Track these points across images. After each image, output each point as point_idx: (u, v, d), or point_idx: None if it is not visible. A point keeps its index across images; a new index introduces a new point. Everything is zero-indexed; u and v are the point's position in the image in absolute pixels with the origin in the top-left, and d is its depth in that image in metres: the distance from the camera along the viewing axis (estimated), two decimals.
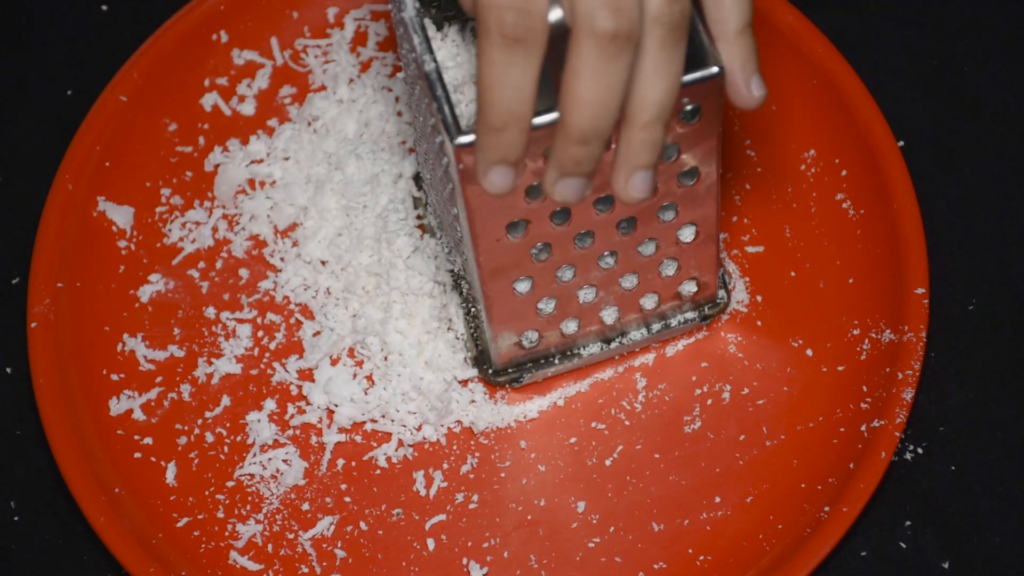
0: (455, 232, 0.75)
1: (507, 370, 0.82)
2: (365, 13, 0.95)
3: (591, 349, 0.82)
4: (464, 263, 0.77)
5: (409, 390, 0.83)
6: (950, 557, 0.80)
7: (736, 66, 0.68)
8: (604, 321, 0.81)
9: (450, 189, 0.71)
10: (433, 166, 0.75)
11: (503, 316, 0.78)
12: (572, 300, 0.78)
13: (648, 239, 0.76)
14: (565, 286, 0.77)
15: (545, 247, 0.74)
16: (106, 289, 0.87)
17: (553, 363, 0.82)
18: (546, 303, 0.78)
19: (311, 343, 0.85)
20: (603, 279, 0.78)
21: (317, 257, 0.87)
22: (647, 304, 0.81)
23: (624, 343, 0.83)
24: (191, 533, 0.81)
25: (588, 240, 0.75)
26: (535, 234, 0.73)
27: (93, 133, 0.89)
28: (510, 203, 0.70)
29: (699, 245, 0.78)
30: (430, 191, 0.82)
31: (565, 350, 0.82)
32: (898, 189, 0.85)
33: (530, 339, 0.80)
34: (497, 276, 0.75)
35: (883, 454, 0.79)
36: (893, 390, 0.80)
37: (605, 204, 0.73)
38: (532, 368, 0.82)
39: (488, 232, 0.72)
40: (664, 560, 0.80)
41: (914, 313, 0.82)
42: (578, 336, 0.81)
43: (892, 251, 0.84)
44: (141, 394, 0.85)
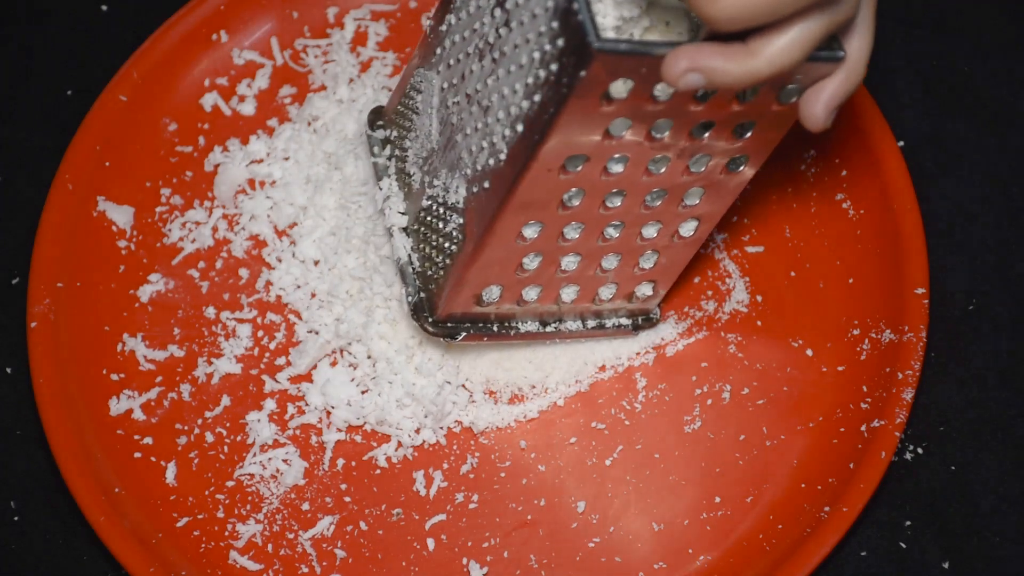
0: (475, 154, 0.73)
1: (447, 323, 0.80)
2: (365, 13, 0.95)
3: (528, 326, 0.81)
4: (474, 192, 0.74)
5: (403, 396, 0.83)
6: (950, 557, 0.80)
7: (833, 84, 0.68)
8: (561, 298, 0.80)
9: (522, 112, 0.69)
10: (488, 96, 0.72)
11: (490, 260, 0.75)
12: (555, 263, 0.77)
13: (658, 221, 0.76)
14: (560, 246, 0.76)
15: (581, 194, 0.72)
16: (106, 289, 0.87)
17: (492, 330, 0.81)
18: (532, 259, 0.76)
19: (298, 350, 0.85)
20: (594, 250, 0.77)
21: (311, 257, 0.87)
22: (603, 294, 0.81)
23: (558, 328, 0.82)
24: (191, 533, 0.81)
25: (617, 200, 0.74)
26: (582, 176, 0.71)
27: (93, 133, 0.89)
28: (592, 134, 0.68)
29: (686, 245, 0.79)
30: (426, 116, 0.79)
31: (503, 320, 0.81)
32: (898, 189, 0.85)
33: (491, 295, 0.78)
34: (519, 212, 0.73)
35: (883, 454, 0.79)
36: (893, 390, 0.80)
37: (660, 166, 0.72)
38: (470, 327, 0.80)
39: (552, 157, 0.69)
40: (664, 560, 0.80)
41: (914, 313, 0.82)
42: (522, 310, 0.80)
43: (892, 251, 0.84)
44: (141, 394, 0.85)
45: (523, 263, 0.76)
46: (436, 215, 0.78)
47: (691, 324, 0.86)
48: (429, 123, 0.78)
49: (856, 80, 0.69)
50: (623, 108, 0.67)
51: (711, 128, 0.70)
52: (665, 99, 0.67)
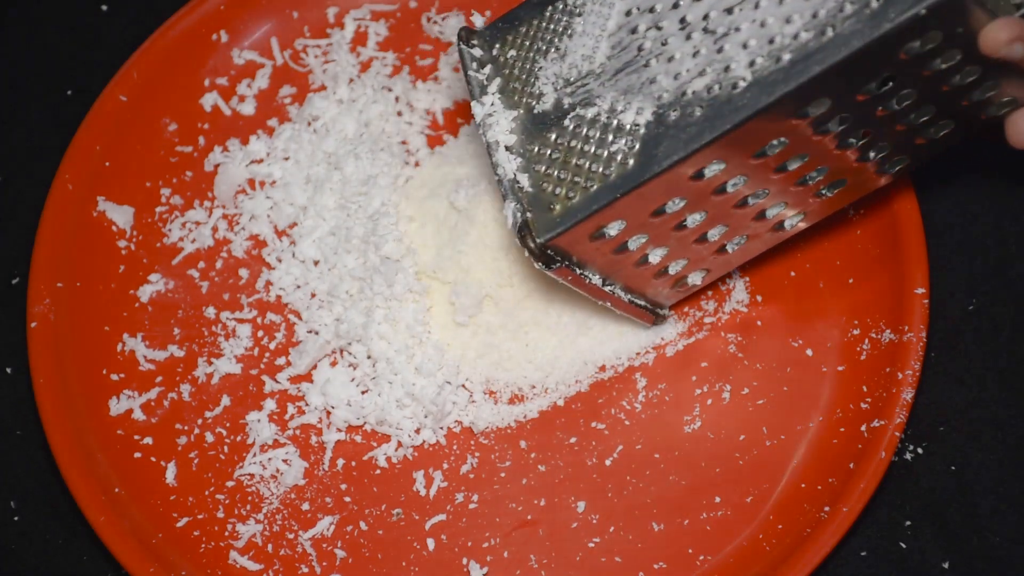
0: (710, 79, 0.72)
1: (548, 250, 0.76)
2: (365, 13, 0.95)
3: (595, 279, 0.79)
4: (671, 118, 0.73)
5: (403, 396, 0.83)
6: (950, 557, 0.80)
7: None
8: (648, 258, 0.79)
9: (812, 36, 0.69)
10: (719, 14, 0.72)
11: (657, 188, 0.73)
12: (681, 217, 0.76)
13: (785, 203, 0.77)
14: (714, 199, 0.75)
15: (781, 145, 0.73)
16: (106, 289, 0.87)
17: (575, 271, 0.77)
18: (676, 203, 0.75)
19: (298, 351, 0.85)
20: (718, 215, 0.77)
21: (310, 257, 0.87)
22: (671, 269, 0.80)
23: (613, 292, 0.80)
24: (191, 533, 0.81)
25: (796, 164, 0.74)
26: (796, 126, 0.71)
27: (93, 133, 0.89)
28: (863, 81, 0.70)
29: (766, 241, 0.80)
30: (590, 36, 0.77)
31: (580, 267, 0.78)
32: (898, 189, 0.85)
33: (611, 231, 0.75)
34: (731, 144, 0.72)
35: (883, 454, 0.79)
36: (893, 390, 0.80)
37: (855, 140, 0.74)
38: (562, 263, 0.76)
39: (813, 92, 0.70)
40: (664, 560, 0.80)
41: (914, 313, 0.82)
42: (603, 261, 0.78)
43: (892, 251, 0.84)
44: (141, 394, 0.85)
45: (666, 206, 0.75)
46: (586, 137, 0.75)
47: (691, 324, 0.86)
48: (593, 45, 0.76)
49: None
50: (906, 63, 0.68)
51: (925, 115, 0.73)
52: (938, 68, 0.69)
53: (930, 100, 0.72)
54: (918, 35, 0.67)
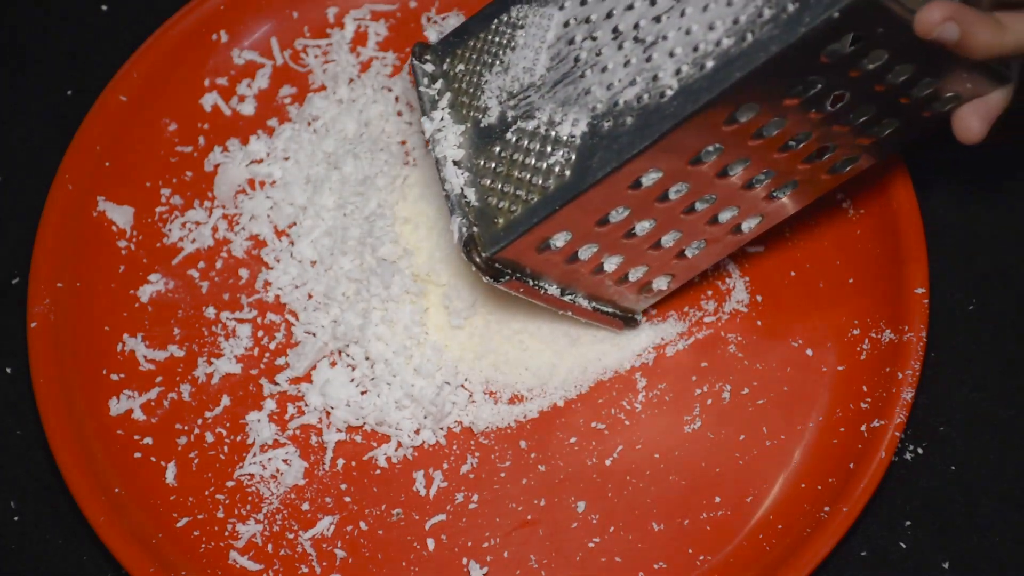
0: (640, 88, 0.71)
1: (495, 264, 0.76)
2: (365, 13, 0.95)
3: (552, 290, 0.79)
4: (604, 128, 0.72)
5: (402, 397, 0.83)
6: (950, 557, 0.80)
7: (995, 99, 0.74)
8: (603, 266, 0.78)
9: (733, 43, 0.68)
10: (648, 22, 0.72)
11: (595, 199, 0.73)
12: (629, 226, 0.76)
13: (738, 207, 0.77)
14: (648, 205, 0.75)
15: (715, 151, 0.72)
16: (106, 289, 0.87)
17: (527, 283, 0.78)
18: (620, 212, 0.75)
19: (296, 352, 0.85)
20: (668, 221, 0.76)
21: (308, 257, 0.87)
22: (632, 276, 0.80)
23: (574, 301, 0.80)
24: (191, 533, 0.81)
25: (737, 169, 0.74)
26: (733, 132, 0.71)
27: (93, 133, 0.89)
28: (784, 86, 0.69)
29: (727, 244, 0.79)
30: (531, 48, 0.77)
31: (533, 279, 0.78)
32: (898, 189, 0.85)
33: (557, 243, 0.75)
34: (660, 154, 0.71)
35: (883, 454, 0.79)
36: (893, 390, 0.80)
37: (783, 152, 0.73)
38: (512, 275, 0.77)
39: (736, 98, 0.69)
40: (664, 560, 0.80)
41: (914, 313, 0.82)
42: (557, 271, 0.78)
43: (892, 251, 0.84)
44: (141, 394, 0.85)
45: (609, 216, 0.75)
46: (527, 150, 0.76)
47: (691, 324, 0.86)
48: (534, 57, 0.76)
49: (1010, 100, 0.73)
50: (828, 66, 0.67)
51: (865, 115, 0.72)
52: (867, 68, 0.68)
53: (867, 100, 0.71)
54: (835, 37, 0.66)
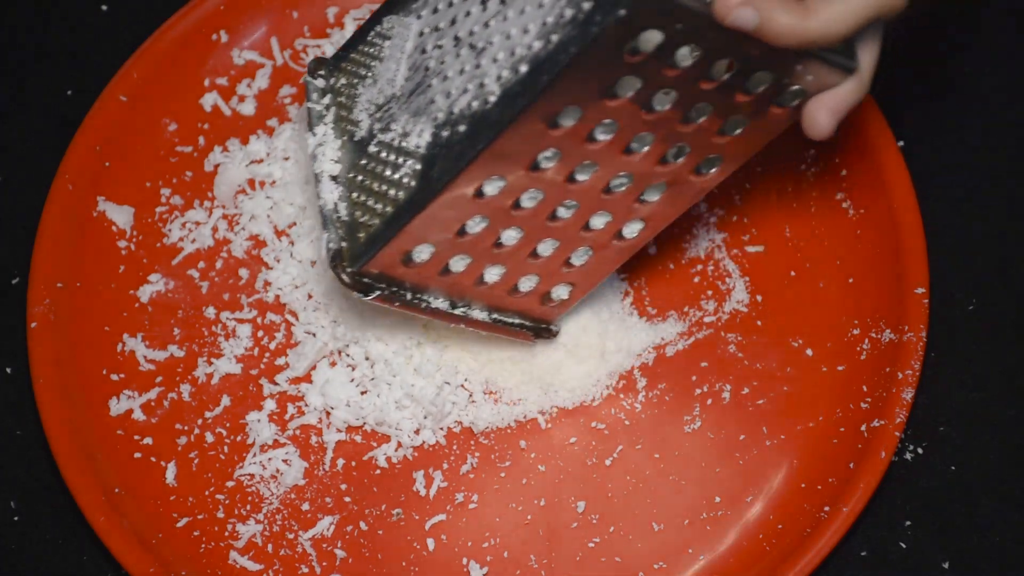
0: (471, 96, 0.70)
1: (362, 277, 0.75)
2: (365, 13, 0.95)
3: (438, 303, 0.78)
4: (443, 137, 0.71)
5: (402, 397, 0.83)
6: (950, 557, 0.80)
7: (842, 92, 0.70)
8: (484, 278, 0.77)
9: (531, 54, 0.67)
10: (480, 28, 0.71)
11: (440, 211, 0.72)
12: (494, 234, 0.74)
13: (608, 211, 0.75)
14: (509, 214, 0.73)
15: (555, 157, 0.70)
16: (106, 289, 0.87)
17: (404, 297, 0.77)
18: (477, 223, 0.73)
19: (296, 352, 0.85)
20: (537, 229, 0.75)
21: (308, 257, 0.87)
22: (522, 285, 0.78)
23: (466, 314, 0.79)
24: (191, 533, 0.81)
25: (585, 175, 0.72)
26: (563, 135, 0.69)
27: (93, 133, 0.89)
28: (599, 86, 0.67)
29: (622, 250, 0.77)
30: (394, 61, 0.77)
31: (416, 291, 0.77)
32: (898, 189, 0.85)
33: (420, 254, 0.74)
34: (490, 163, 0.70)
35: (883, 454, 0.79)
36: (893, 390, 0.80)
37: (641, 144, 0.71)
38: (385, 288, 0.76)
39: (552, 103, 0.67)
40: (664, 560, 0.80)
41: (914, 313, 0.82)
42: (435, 282, 0.77)
43: (892, 251, 0.84)
44: (141, 394, 0.85)
45: (466, 226, 0.74)
46: (385, 162, 0.75)
47: (691, 324, 0.86)
48: (395, 68, 0.75)
49: (862, 93, 0.70)
50: (639, 65, 0.66)
51: (705, 113, 0.70)
52: (684, 65, 0.67)
53: (700, 99, 0.69)
54: (630, 36, 0.65)
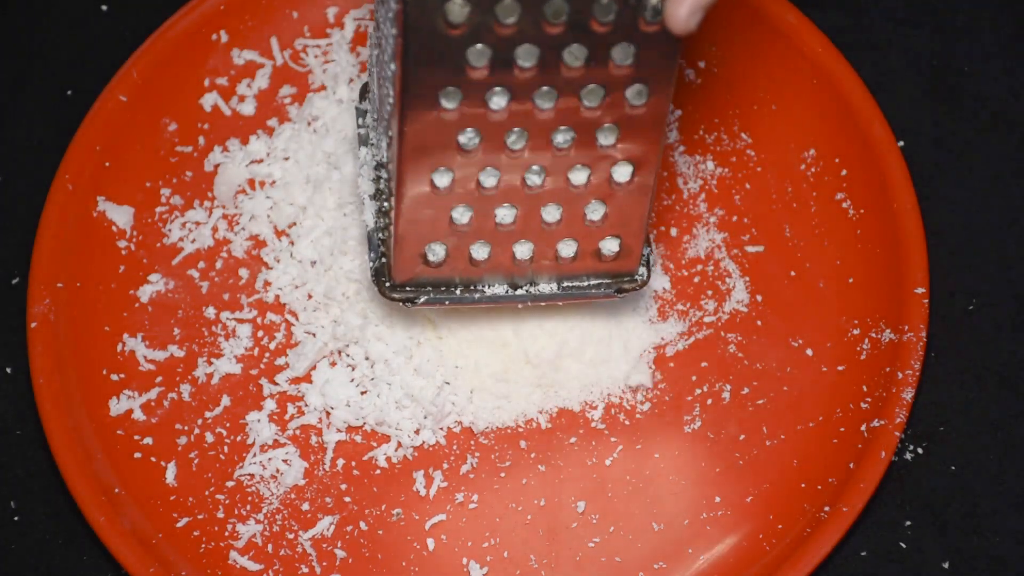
0: (387, 104, 0.71)
1: (405, 287, 0.77)
2: (365, 13, 0.95)
3: (496, 289, 0.78)
4: (389, 145, 0.73)
5: (402, 397, 0.83)
6: (950, 557, 0.80)
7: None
8: (516, 256, 0.77)
9: (392, 50, 0.67)
10: (383, 38, 0.71)
11: (415, 211, 0.73)
12: (489, 217, 0.74)
13: (581, 165, 0.74)
14: (486, 196, 0.73)
15: (476, 135, 0.70)
16: (106, 289, 0.87)
17: (454, 293, 0.78)
18: (462, 212, 0.74)
19: (296, 352, 0.85)
20: (526, 200, 0.74)
21: (308, 257, 0.87)
22: (564, 251, 0.77)
23: (532, 291, 0.78)
24: (191, 533, 0.81)
25: (520, 142, 0.71)
26: (468, 114, 0.69)
27: (93, 133, 0.89)
28: (451, 61, 0.67)
29: (632, 193, 0.75)
30: (374, 81, 0.78)
31: (469, 283, 0.78)
32: (898, 189, 0.85)
33: (436, 253, 0.76)
34: (419, 156, 0.71)
35: (883, 454, 0.79)
36: (893, 390, 0.80)
37: (546, 100, 0.70)
38: (431, 292, 0.78)
39: (422, 89, 0.68)
40: (664, 560, 0.80)
41: (914, 313, 0.82)
42: (485, 270, 0.77)
43: (892, 251, 0.84)
44: (141, 394, 0.85)
45: (453, 217, 0.74)
46: (381, 178, 0.77)
47: (691, 324, 0.86)
48: (380, 83, 0.76)
49: None
50: (472, 34, 0.66)
51: (585, 54, 0.68)
52: (512, 21, 0.66)
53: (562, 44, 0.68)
54: (434, 10, 0.65)
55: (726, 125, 0.91)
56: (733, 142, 0.90)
